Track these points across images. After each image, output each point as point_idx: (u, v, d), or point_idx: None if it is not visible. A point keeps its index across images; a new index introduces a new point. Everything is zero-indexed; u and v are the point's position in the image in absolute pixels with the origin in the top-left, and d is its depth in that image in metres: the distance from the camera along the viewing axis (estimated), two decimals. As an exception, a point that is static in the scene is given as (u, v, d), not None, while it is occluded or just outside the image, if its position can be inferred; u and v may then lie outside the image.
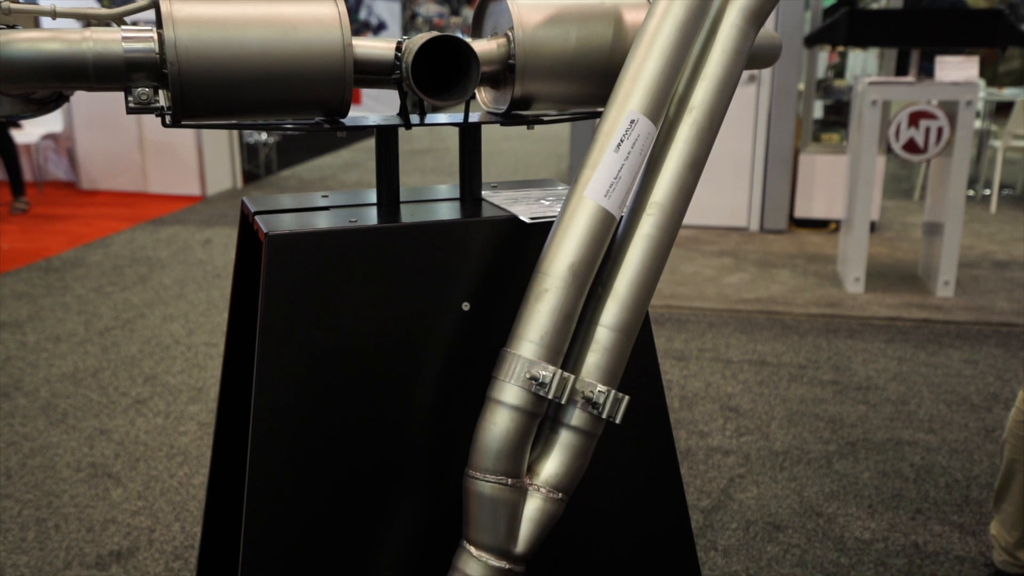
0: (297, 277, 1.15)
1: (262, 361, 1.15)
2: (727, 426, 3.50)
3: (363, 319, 1.18)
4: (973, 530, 2.78)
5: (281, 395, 1.16)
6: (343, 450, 1.18)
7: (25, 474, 3.12)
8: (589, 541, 1.30)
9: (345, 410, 1.18)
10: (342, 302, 1.17)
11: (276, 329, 1.15)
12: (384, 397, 1.19)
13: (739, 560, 2.63)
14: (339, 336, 1.17)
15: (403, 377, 1.19)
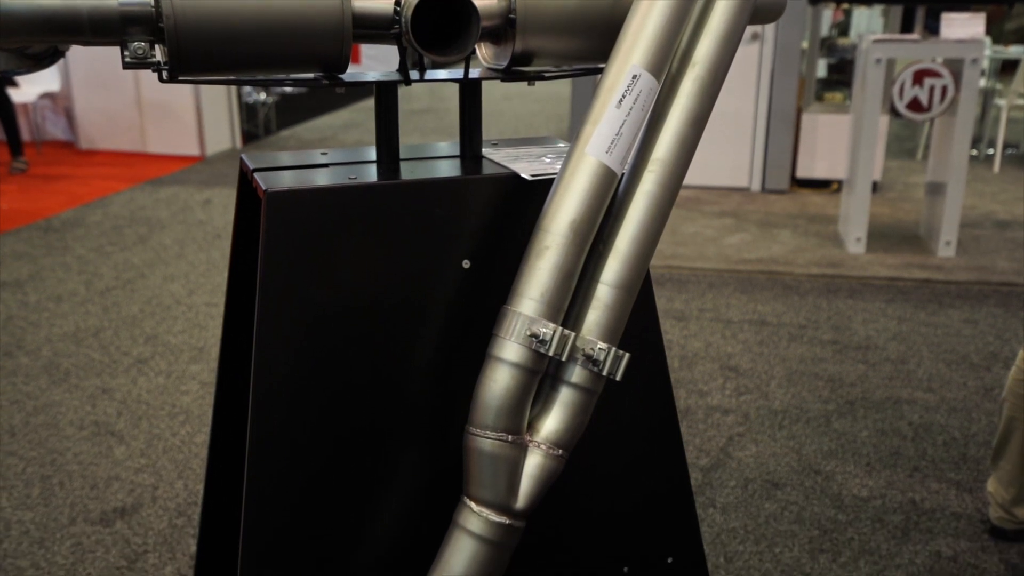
0: (296, 235, 1.14)
1: (262, 319, 1.14)
2: (727, 385, 3.51)
3: (363, 277, 1.17)
4: (970, 487, 2.80)
5: (281, 353, 1.16)
6: (344, 407, 1.19)
7: (29, 432, 3.14)
8: (589, 498, 1.31)
9: (345, 367, 1.18)
10: (342, 260, 1.16)
11: (276, 287, 1.14)
12: (385, 354, 1.19)
13: (737, 517, 2.66)
14: (339, 294, 1.17)
15: (404, 334, 1.19)
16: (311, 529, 1.17)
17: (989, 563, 2.44)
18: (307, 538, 1.17)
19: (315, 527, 1.18)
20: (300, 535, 1.17)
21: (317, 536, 1.17)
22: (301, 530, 1.17)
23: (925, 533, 2.58)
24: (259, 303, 1.14)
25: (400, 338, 1.19)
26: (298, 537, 1.17)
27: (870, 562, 2.45)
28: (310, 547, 1.17)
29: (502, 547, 1.08)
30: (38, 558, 2.45)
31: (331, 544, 1.18)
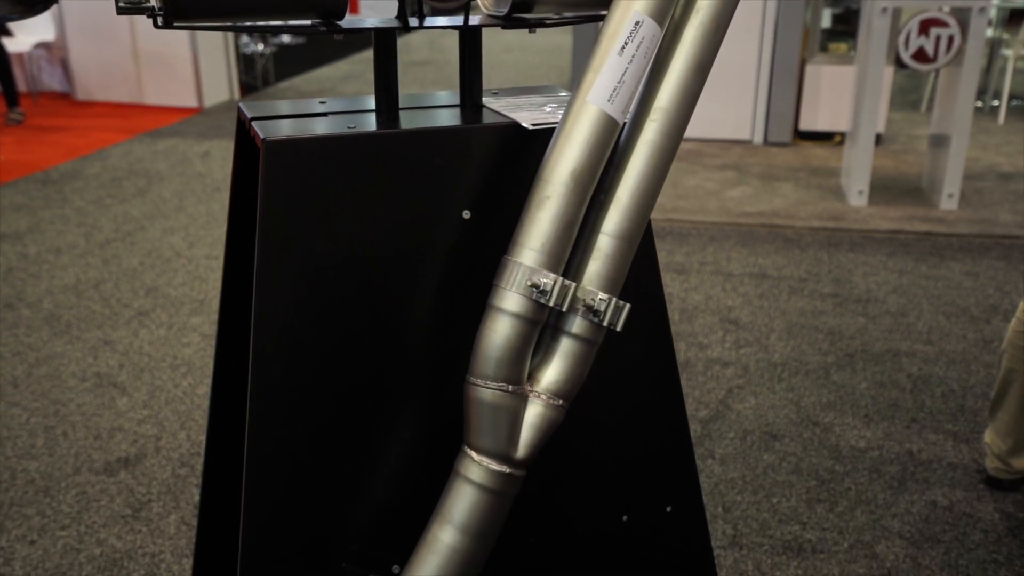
0: (295, 184, 1.13)
1: (262, 269, 1.14)
2: (727, 338, 3.52)
3: (363, 227, 1.17)
4: (967, 438, 2.82)
5: (281, 303, 1.16)
6: (344, 357, 1.19)
7: (31, 383, 3.16)
8: (589, 448, 1.32)
9: (346, 317, 1.18)
10: (341, 210, 1.16)
11: (275, 237, 1.14)
12: (385, 305, 1.19)
13: (736, 468, 2.68)
14: (339, 244, 1.16)
15: (404, 285, 1.19)
16: (312, 478, 1.18)
17: (984, 512, 2.46)
18: (309, 487, 1.18)
19: (316, 476, 1.18)
20: (301, 485, 1.18)
21: (318, 485, 1.18)
22: (302, 480, 1.18)
23: (921, 483, 2.60)
24: (258, 253, 1.13)
25: (400, 288, 1.19)
26: (300, 487, 1.18)
27: (866, 511, 2.48)
28: (311, 497, 1.18)
29: (503, 496, 1.09)
30: (44, 506, 2.48)
31: (332, 493, 1.19)
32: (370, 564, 1.16)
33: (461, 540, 1.07)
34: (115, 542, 2.33)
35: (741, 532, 2.39)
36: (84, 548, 2.31)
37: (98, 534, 2.36)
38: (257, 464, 1.16)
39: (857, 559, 2.28)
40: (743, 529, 2.40)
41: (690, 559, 1.39)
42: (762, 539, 2.36)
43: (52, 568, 2.23)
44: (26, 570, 2.22)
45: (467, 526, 1.07)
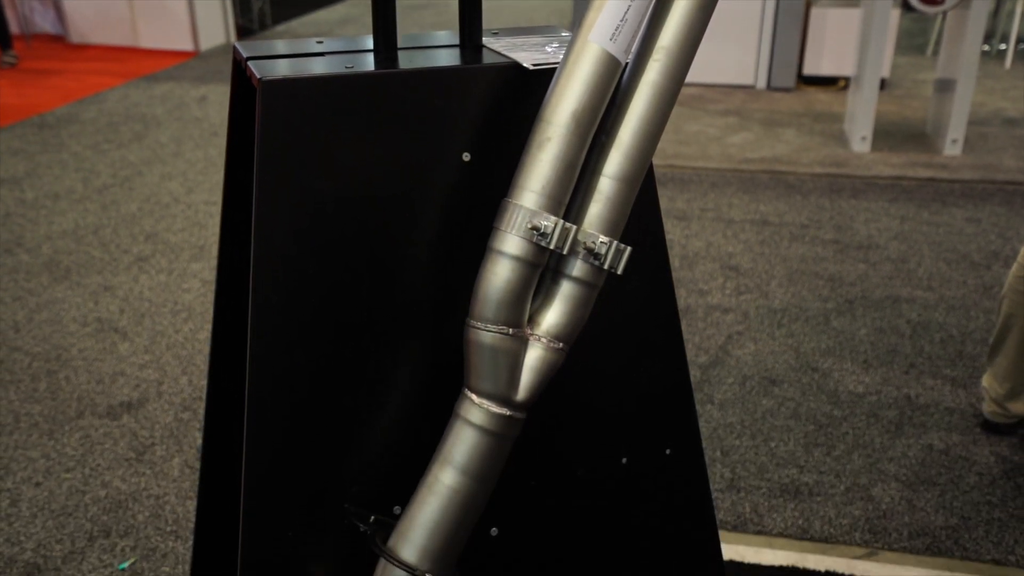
0: (293, 124, 1.12)
1: (260, 211, 1.13)
2: (727, 285, 3.52)
3: (361, 169, 1.15)
4: (965, 383, 2.84)
5: (280, 247, 1.15)
6: (343, 300, 1.19)
7: (32, 328, 3.16)
8: (589, 391, 1.32)
9: (345, 261, 1.17)
10: (340, 152, 1.14)
11: (273, 178, 1.12)
12: (384, 247, 1.18)
13: (735, 413, 2.70)
14: (337, 187, 1.15)
15: (403, 227, 1.18)
16: (313, 420, 1.19)
17: (980, 455, 2.49)
18: (310, 430, 1.19)
19: (317, 419, 1.19)
20: (303, 427, 1.18)
21: (320, 428, 1.19)
22: (304, 422, 1.18)
23: (918, 427, 2.62)
24: (256, 195, 1.12)
25: (399, 231, 1.18)
26: (301, 429, 1.18)
27: (863, 455, 2.50)
28: (313, 439, 1.19)
29: (503, 438, 1.10)
30: (48, 449, 2.50)
31: (333, 435, 1.19)
32: (371, 505, 1.17)
33: (462, 481, 1.08)
34: (120, 484, 2.36)
35: (739, 475, 2.42)
36: (89, 490, 2.34)
37: (103, 476, 2.39)
38: (258, 407, 1.16)
39: (853, 501, 2.31)
40: (741, 472, 2.43)
41: (689, 501, 1.40)
42: (760, 482, 2.39)
43: (58, 509, 2.26)
44: (32, 511, 2.25)
45: (468, 468, 1.08)
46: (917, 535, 2.19)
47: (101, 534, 2.17)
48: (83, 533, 2.18)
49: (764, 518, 2.25)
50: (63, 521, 2.22)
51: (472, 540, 1.12)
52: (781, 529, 2.22)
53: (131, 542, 2.15)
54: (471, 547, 1.13)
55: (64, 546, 2.13)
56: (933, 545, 2.16)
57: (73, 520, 2.22)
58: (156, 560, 2.09)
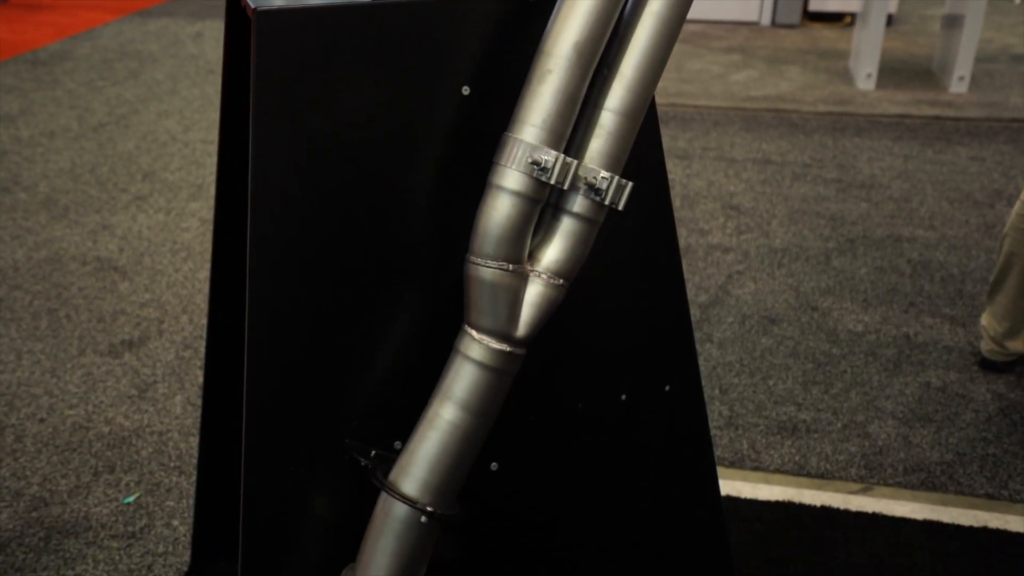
0: (289, 57, 1.09)
1: (256, 147, 1.12)
2: (728, 224, 3.51)
3: (359, 102, 1.14)
4: (964, 322, 2.84)
5: (277, 183, 1.14)
6: (342, 235, 1.18)
7: (32, 267, 3.16)
8: (589, 328, 1.32)
9: (343, 195, 1.16)
10: (337, 84, 1.12)
11: (269, 112, 1.11)
12: (383, 182, 1.17)
13: (734, 351, 2.71)
14: (335, 120, 1.13)
15: (402, 162, 1.17)
16: (314, 356, 1.19)
17: (976, 392, 2.50)
18: (310, 365, 1.19)
19: (318, 354, 1.19)
20: (303, 363, 1.18)
21: (320, 363, 1.19)
22: (304, 358, 1.19)
23: (916, 365, 2.64)
24: (253, 132, 1.11)
25: (398, 165, 1.17)
26: (302, 365, 1.18)
27: (861, 393, 2.52)
28: (314, 374, 1.19)
29: (503, 374, 1.10)
30: (51, 386, 2.52)
31: (334, 371, 1.20)
32: (372, 440, 1.18)
33: (462, 417, 1.08)
34: (123, 421, 2.38)
35: (737, 413, 2.44)
36: (93, 426, 2.36)
37: (106, 413, 2.41)
38: (258, 344, 1.16)
39: (850, 438, 2.33)
40: (739, 410, 2.45)
41: (688, 438, 1.41)
42: (758, 420, 2.41)
43: (63, 445, 2.28)
44: (37, 447, 2.28)
45: (468, 403, 1.08)
46: (912, 471, 2.22)
47: (106, 469, 2.20)
48: (88, 468, 2.20)
49: (761, 455, 2.28)
50: (68, 456, 2.24)
51: (472, 475, 1.13)
52: (778, 465, 2.24)
53: (135, 477, 2.17)
54: (471, 482, 1.14)
55: (69, 480, 2.16)
56: (928, 480, 2.18)
57: (78, 455, 2.24)
58: (160, 495, 2.12)
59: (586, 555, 1.35)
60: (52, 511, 2.07)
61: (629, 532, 1.38)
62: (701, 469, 1.43)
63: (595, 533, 1.36)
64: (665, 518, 1.40)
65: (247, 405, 1.16)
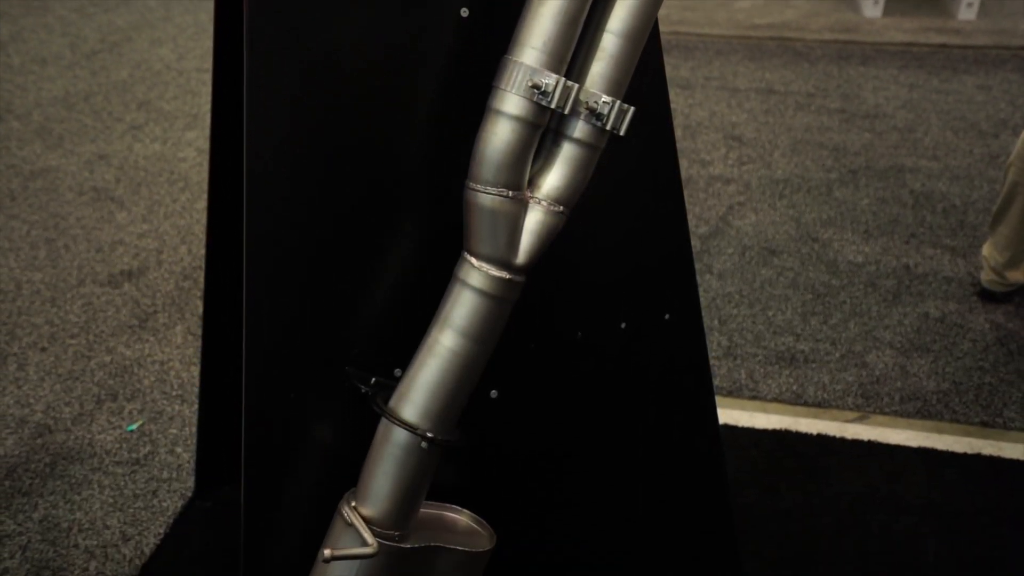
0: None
1: (251, 76, 1.09)
2: (729, 155, 3.47)
3: (355, 27, 1.11)
4: (964, 252, 2.83)
5: (274, 111, 1.12)
6: (340, 164, 1.16)
7: (28, 196, 3.14)
8: (589, 257, 1.32)
9: (340, 123, 1.14)
10: (332, 8, 1.10)
11: (263, 40, 1.08)
12: (380, 109, 1.15)
13: (733, 282, 2.71)
14: (330, 45, 1.11)
15: (400, 88, 1.15)
16: (314, 285, 1.19)
17: (975, 323, 2.51)
18: (310, 294, 1.19)
19: (318, 283, 1.19)
20: (303, 292, 1.18)
21: (320, 292, 1.19)
22: (304, 287, 1.18)
23: (915, 296, 2.64)
24: (247, 58, 1.09)
25: (396, 91, 1.15)
26: (301, 294, 1.18)
27: (859, 323, 2.52)
28: (314, 303, 1.19)
29: (502, 301, 1.09)
30: (52, 315, 2.52)
31: (334, 299, 1.19)
32: (372, 367, 1.19)
33: (462, 344, 1.08)
34: (124, 350, 2.39)
35: (736, 343, 2.45)
36: (94, 355, 2.37)
37: (107, 343, 2.42)
38: (257, 273, 1.16)
39: (847, 368, 2.35)
40: (738, 340, 2.46)
41: (687, 366, 1.41)
42: (756, 350, 2.42)
43: (65, 373, 2.30)
44: (40, 375, 2.29)
45: (467, 330, 1.08)
46: (908, 399, 2.23)
47: (108, 397, 2.22)
48: (91, 396, 2.22)
49: (759, 384, 2.29)
50: (70, 385, 2.26)
51: (472, 402, 1.14)
52: (776, 395, 2.26)
53: (138, 405, 2.19)
54: (471, 409, 1.15)
55: (73, 408, 2.18)
56: (924, 409, 2.20)
57: (80, 384, 2.26)
58: (163, 422, 2.14)
59: (584, 482, 1.37)
60: (56, 438, 2.09)
61: (627, 460, 1.39)
62: (700, 398, 1.44)
63: (593, 461, 1.37)
64: (663, 446, 1.41)
65: (247, 334, 1.16)
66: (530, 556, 1.34)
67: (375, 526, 1.06)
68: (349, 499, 1.09)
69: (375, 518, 1.07)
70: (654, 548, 1.42)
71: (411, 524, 1.10)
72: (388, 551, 1.06)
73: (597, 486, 1.38)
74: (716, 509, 1.45)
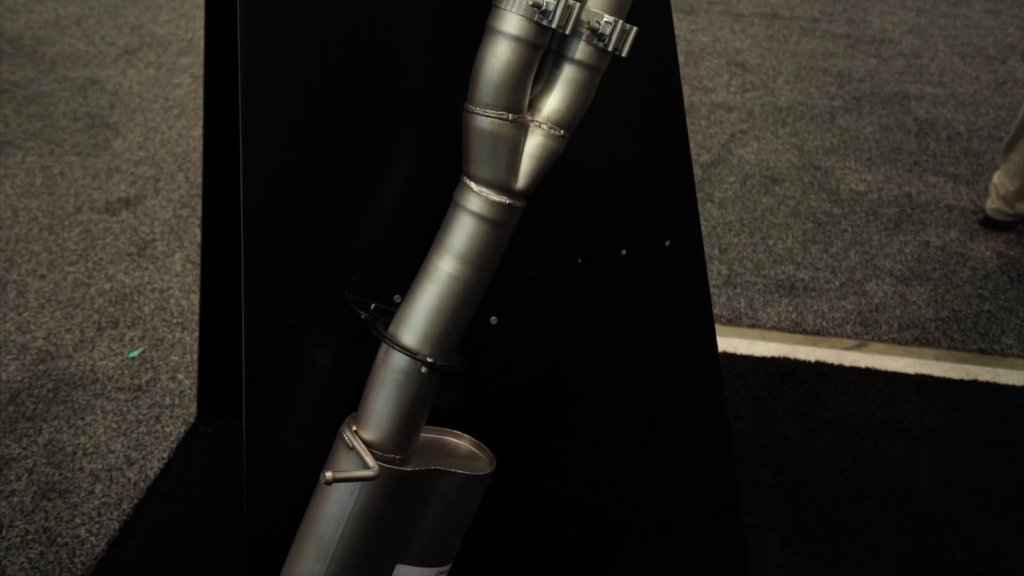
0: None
1: (246, 4, 1.07)
2: (732, 82, 3.42)
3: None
4: (968, 180, 2.81)
5: (268, 33, 1.09)
6: (338, 88, 1.14)
7: (22, 121, 3.10)
8: (590, 182, 1.30)
9: (338, 45, 1.12)
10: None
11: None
12: (378, 30, 1.12)
13: (734, 211, 2.70)
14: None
15: (397, 7, 1.12)
16: (311, 212, 1.18)
17: (975, 251, 2.50)
18: (308, 221, 1.18)
19: (315, 210, 1.18)
20: (301, 219, 1.17)
21: (318, 218, 1.18)
22: (301, 214, 1.17)
23: (917, 224, 2.63)
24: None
25: (394, 11, 1.12)
26: (299, 221, 1.17)
27: (860, 252, 2.52)
28: (311, 230, 1.18)
29: (502, 226, 1.08)
30: (50, 243, 2.52)
31: (332, 226, 1.19)
32: (372, 293, 1.18)
33: (461, 269, 1.08)
34: (123, 278, 2.39)
35: (736, 272, 2.45)
36: (94, 283, 2.37)
37: (106, 270, 2.42)
38: (255, 198, 1.15)
39: (846, 296, 2.35)
40: (738, 269, 2.46)
41: (686, 294, 1.41)
42: (756, 278, 2.42)
43: (65, 300, 2.30)
44: (40, 302, 2.29)
45: (467, 256, 1.08)
46: (907, 327, 2.24)
47: (109, 324, 2.22)
48: (91, 323, 2.22)
49: (759, 313, 2.30)
50: (71, 312, 2.26)
51: (472, 328, 1.14)
52: (775, 323, 2.27)
53: (139, 332, 2.20)
54: (471, 335, 1.15)
55: (74, 335, 2.19)
56: (922, 337, 2.21)
57: (80, 311, 2.26)
58: (164, 349, 2.15)
59: (583, 409, 1.38)
60: (59, 364, 2.10)
61: (626, 386, 1.40)
62: (699, 325, 1.44)
63: (592, 387, 1.38)
64: (662, 373, 1.42)
65: (245, 261, 1.15)
66: (529, 481, 1.35)
67: (376, 450, 1.07)
68: (350, 423, 1.10)
69: (376, 442, 1.08)
70: (652, 473, 1.44)
71: (412, 448, 1.11)
72: (389, 474, 1.07)
73: (596, 412, 1.39)
74: (714, 434, 1.47)
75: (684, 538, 1.47)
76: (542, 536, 1.38)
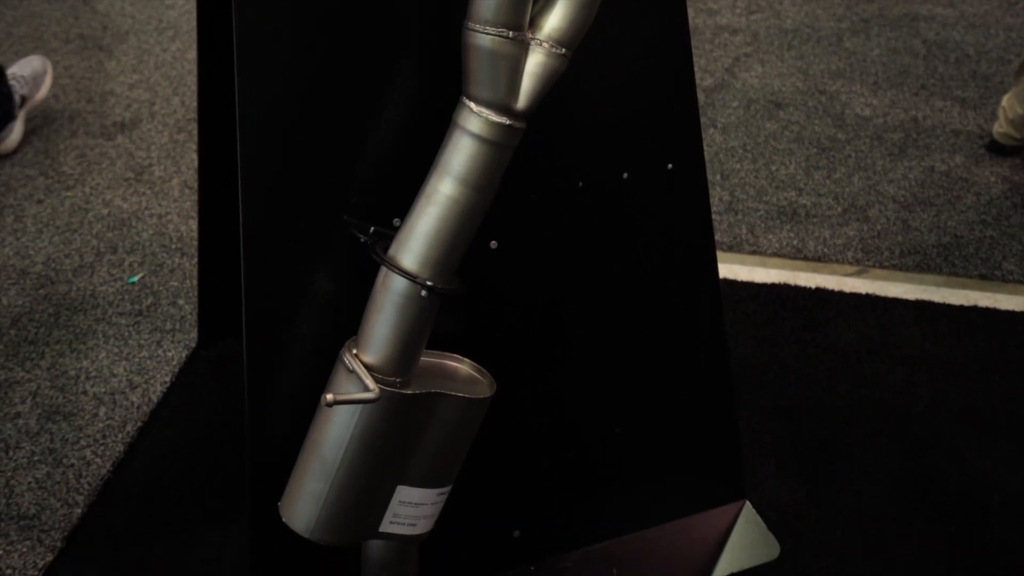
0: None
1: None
2: (737, 3, 3.35)
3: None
4: (975, 104, 2.77)
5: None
6: (335, 9, 1.12)
7: (12, 43, 3.04)
8: (591, 104, 1.28)
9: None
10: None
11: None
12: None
13: (737, 136, 2.66)
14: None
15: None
16: (309, 134, 1.16)
17: (980, 176, 2.48)
18: (306, 143, 1.16)
19: (313, 132, 1.16)
20: (298, 142, 1.16)
21: (316, 141, 1.16)
22: (299, 137, 1.16)
23: (922, 149, 2.60)
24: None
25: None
26: (296, 144, 1.16)
27: (863, 177, 2.50)
28: (309, 152, 1.16)
29: (502, 148, 1.07)
30: (46, 168, 2.49)
31: (330, 148, 1.17)
32: (371, 216, 1.17)
33: (461, 191, 1.07)
34: (121, 203, 2.37)
35: (737, 198, 2.43)
36: (91, 208, 2.35)
37: (103, 195, 2.40)
38: (251, 121, 1.13)
39: (848, 222, 2.34)
40: (740, 195, 2.44)
41: (688, 218, 1.40)
42: (758, 204, 2.40)
43: (62, 225, 2.29)
44: (38, 227, 2.28)
45: (466, 178, 1.06)
46: (908, 253, 2.23)
47: (108, 250, 2.21)
48: (90, 249, 2.22)
49: (760, 239, 2.29)
50: (69, 237, 2.25)
51: (472, 253, 1.13)
52: (776, 249, 2.26)
53: (138, 258, 2.19)
54: (471, 260, 1.14)
55: (73, 260, 2.18)
56: (923, 263, 2.21)
57: (79, 236, 2.25)
58: (164, 275, 2.15)
59: (583, 333, 1.38)
60: (59, 289, 2.10)
61: (626, 311, 1.40)
62: (700, 250, 1.43)
63: (593, 311, 1.38)
64: (663, 298, 1.42)
65: (243, 184, 1.14)
66: (529, 405, 1.36)
67: (376, 372, 1.08)
68: (350, 347, 1.10)
69: (376, 365, 1.08)
70: (652, 398, 1.45)
71: (412, 371, 1.12)
72: (389, 396, 1.07)
73: (596, 336, 1.39)
74: (714, 360, 1.47)
75: (683, 462, 1.49)
76: (542, 460, 1.40)
